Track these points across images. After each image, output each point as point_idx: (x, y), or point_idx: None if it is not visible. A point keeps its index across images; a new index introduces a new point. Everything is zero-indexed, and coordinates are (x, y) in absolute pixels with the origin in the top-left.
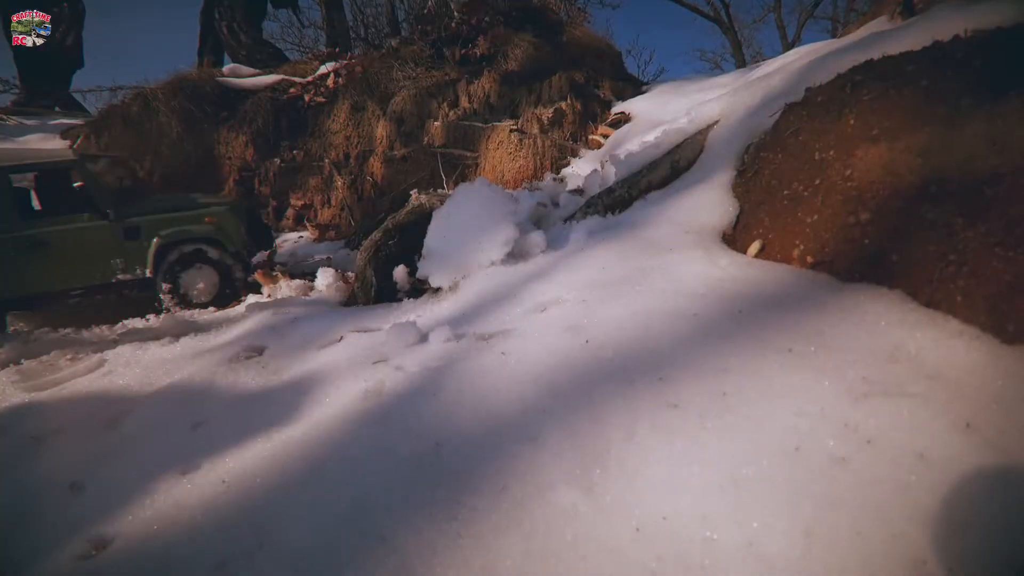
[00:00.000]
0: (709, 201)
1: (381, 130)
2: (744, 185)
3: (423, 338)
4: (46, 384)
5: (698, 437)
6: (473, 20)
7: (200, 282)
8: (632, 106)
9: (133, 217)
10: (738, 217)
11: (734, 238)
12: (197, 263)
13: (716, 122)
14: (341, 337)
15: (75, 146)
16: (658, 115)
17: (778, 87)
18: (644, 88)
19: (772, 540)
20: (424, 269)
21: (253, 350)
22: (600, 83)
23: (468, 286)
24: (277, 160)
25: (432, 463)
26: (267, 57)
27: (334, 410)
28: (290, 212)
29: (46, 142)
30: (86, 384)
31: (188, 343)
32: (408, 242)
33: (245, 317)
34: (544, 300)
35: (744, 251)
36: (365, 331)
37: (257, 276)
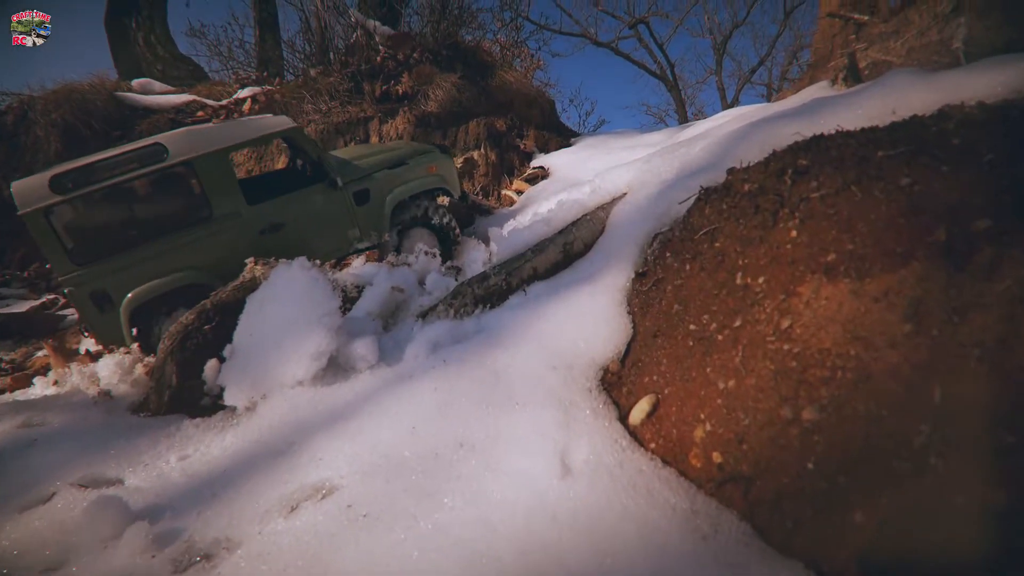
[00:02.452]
0: (595, 315)
1: (282, 166)
2: (643, 297)
3: (119, 534)
4: None
5: None
6: (400, 55)
7: (421, 243)
8: (552, 160)
9: (355, 180)
10: (629, 345)
11: (619, 379)
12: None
13: (624, 195)
14: (53, 493)
15: None
16: (576, 172)
17: (698, 160)
18: (572, 140)
19: None
20: (224, 375)
21: None
22: (525, 132)
23: (263, 413)
24: None
25: None
26: (185, 75)
27: None
28: None
29: None
30: None
31: None
32: (232, 327)
33: None
34: (311, 482)
35: (629, 408)
36: (90, 484)
37: (47, 348)
